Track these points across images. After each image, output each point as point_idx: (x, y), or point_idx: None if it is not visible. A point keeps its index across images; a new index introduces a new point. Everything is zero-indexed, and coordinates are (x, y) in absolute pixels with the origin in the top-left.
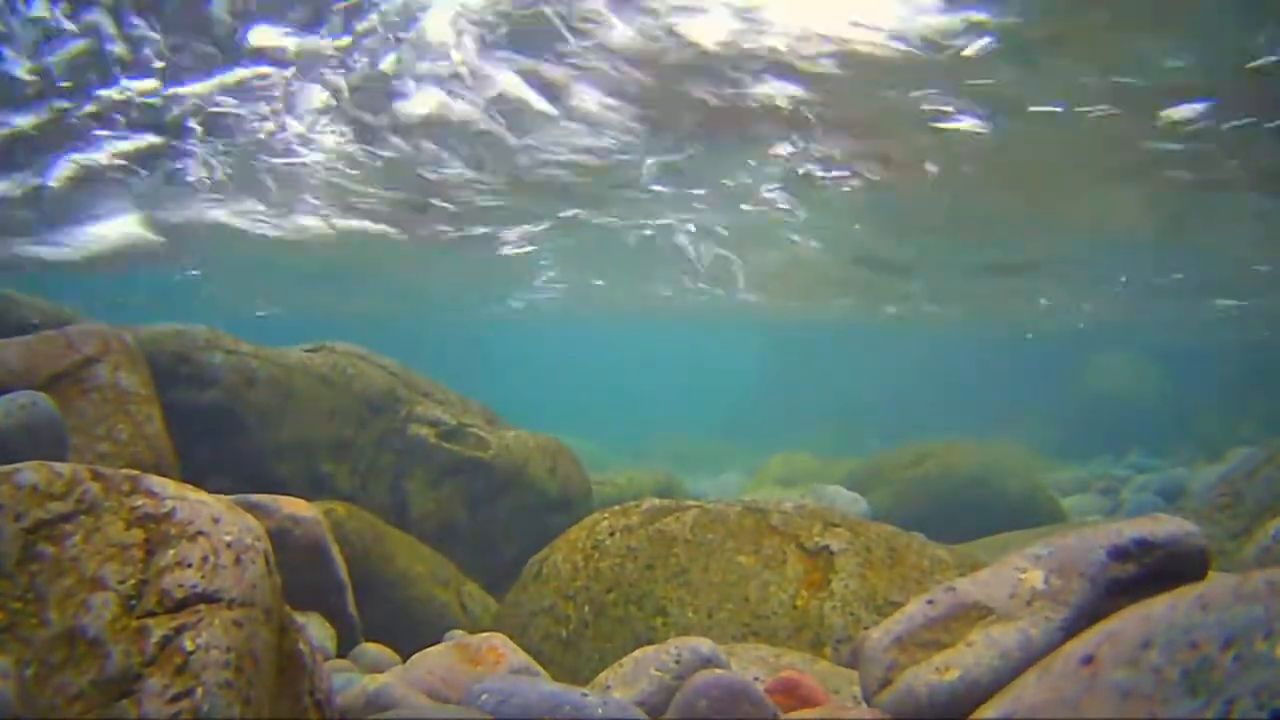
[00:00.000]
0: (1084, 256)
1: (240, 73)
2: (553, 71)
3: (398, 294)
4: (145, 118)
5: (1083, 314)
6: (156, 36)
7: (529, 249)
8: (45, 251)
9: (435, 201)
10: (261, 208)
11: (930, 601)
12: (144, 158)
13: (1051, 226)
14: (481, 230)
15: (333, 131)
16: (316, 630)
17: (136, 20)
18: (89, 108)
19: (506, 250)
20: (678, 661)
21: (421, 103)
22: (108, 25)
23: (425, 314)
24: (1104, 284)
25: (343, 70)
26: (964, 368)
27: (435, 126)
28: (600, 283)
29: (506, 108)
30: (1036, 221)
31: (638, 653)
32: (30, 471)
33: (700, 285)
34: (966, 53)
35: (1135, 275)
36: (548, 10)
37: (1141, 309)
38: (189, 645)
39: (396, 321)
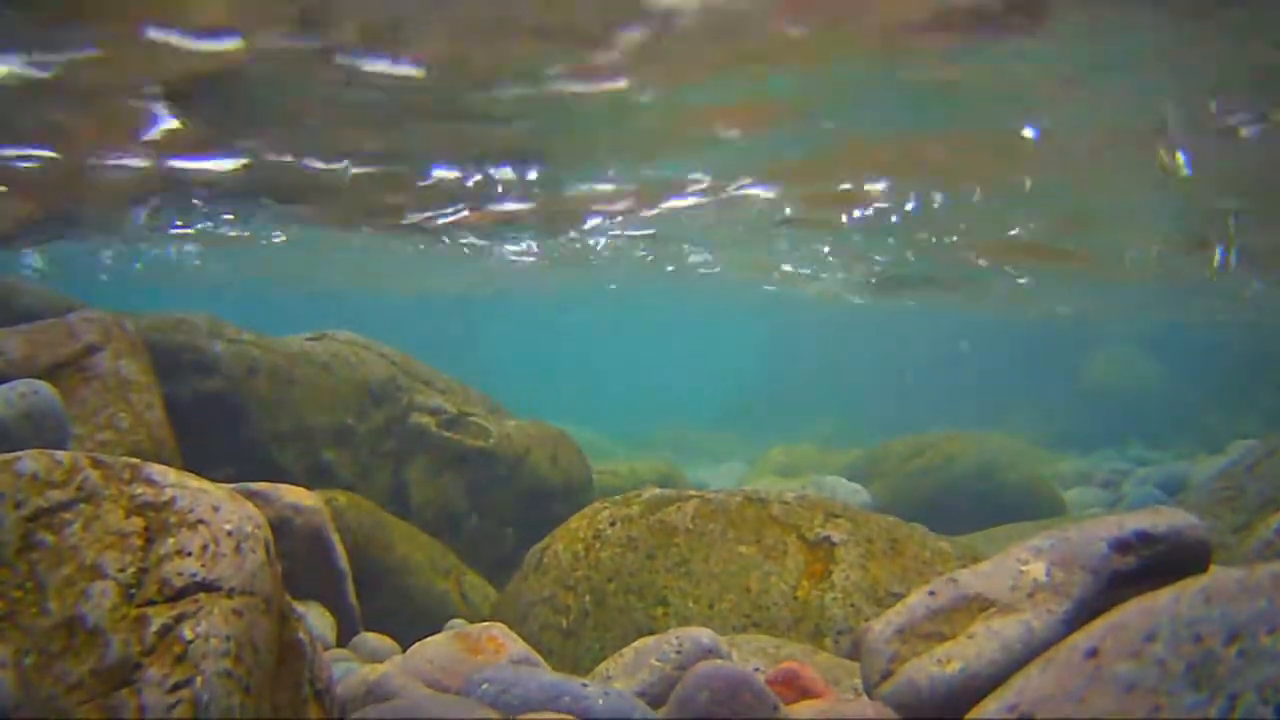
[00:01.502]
0: None
1: None
2: None
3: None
4: None
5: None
6: None
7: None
8: None
9: None
10: None
11: (932, 593)
12: None
13: None
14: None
15: None
16: (316, 619)
17: None
18: None
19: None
20: (679, 652)
21: None
22: None
23: (424, 298)
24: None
25: None
26: (964, 358)
27: None
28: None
29: None
30: None
31: (638, 643)
32: (30, 459)
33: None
34: None
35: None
36: None
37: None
38: (188, 634)
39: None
